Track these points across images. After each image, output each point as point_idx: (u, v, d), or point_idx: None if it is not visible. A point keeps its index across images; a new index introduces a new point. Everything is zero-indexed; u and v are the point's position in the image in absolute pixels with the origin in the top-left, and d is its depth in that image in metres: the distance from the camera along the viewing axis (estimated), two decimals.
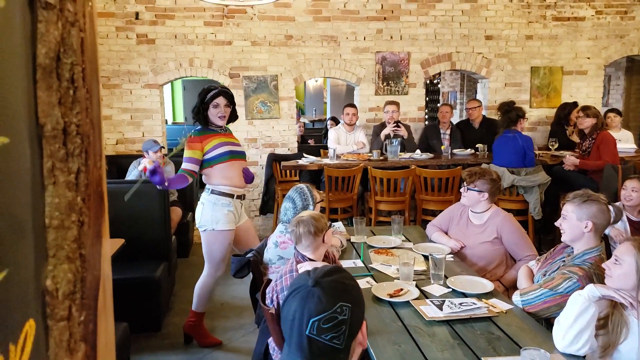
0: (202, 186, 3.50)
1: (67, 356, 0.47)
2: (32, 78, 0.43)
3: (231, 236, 3.22)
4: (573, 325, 1.75)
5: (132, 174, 4.62)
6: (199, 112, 3.15)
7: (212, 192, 3.19)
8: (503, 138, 4.77)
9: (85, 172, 0.49)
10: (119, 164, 4.98)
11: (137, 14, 5.19)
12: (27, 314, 0.42)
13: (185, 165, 3.12)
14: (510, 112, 4.75)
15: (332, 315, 1.04)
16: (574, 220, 2.21)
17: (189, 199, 5.25)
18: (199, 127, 3.21)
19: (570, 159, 4.81)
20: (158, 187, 3.02)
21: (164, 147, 4.72)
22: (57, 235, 0.45)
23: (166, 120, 8.60)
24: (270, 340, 2.24)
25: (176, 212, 4.60)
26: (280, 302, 2.01)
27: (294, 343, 1.08)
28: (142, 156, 4.70)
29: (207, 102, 3.13)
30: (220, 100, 3.15)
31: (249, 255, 2.69)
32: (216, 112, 3.14)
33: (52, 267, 0.45)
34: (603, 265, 1.88)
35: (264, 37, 5.41)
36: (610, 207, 2.25)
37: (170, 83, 6.44)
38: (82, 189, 0.48)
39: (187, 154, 3.13)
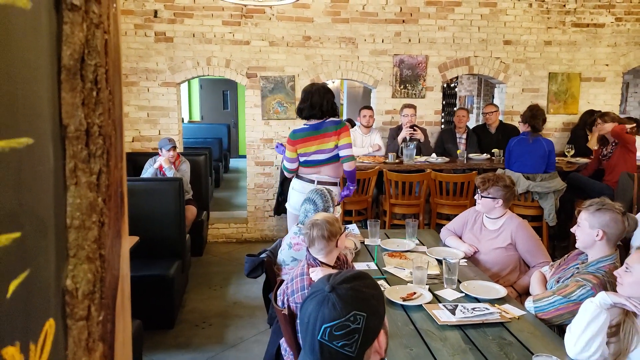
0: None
1: (85, 355, 0.47)
2: (57, 79, 0.43)
3: None
4: (585, 332, 1.74)
5: (147, 171, 4.67)
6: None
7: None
8: (524, 142, 4.66)
9: (107, 173, 0.49)
10: (135, 161, 5.03)
11: (155, 12, 5.24)
12: (48, 313, 0.43)
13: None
14: (536, 118, 4.59)
15: (345, 323, 1.03)
16: (587, 228, 2.20)
17: (204, 197, 5.28)
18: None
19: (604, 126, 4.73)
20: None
21: (176, 146, 4.75)
22: (78, 236, 0.46)
23: (182, 119, 8.69)
24: (283, 341, 2.25)
25: (191, 211, 4.64)
26: (291, 304, 2.01)
27: (307, 345, 1.08)
28: (157, 154, 4.75)
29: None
30: None
31: (263, 255, 2.70)
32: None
33: (72, 267, 0.46)
34: (615, 272, 1.87)
35: (282, 37, 5.42)
36: (626, 217, 2.21)
37: (187, 81, 6.49)
38: (103, 190, 0.49)
39: (351, 140, 3.61)
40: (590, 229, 2.19)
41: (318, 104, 3.48)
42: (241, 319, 3.71)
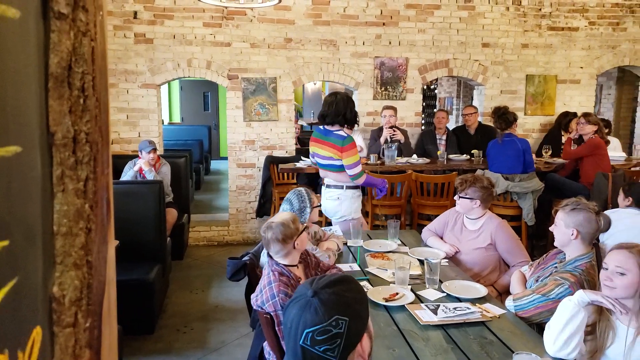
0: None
1: None
2: (44, 87, 0.43)
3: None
4: (564, 330, 1.77)
5: (127, 174, 4.61)
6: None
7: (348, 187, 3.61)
8: (500, 143, 4.78)
9: (94, 180, 0.49)
10: (114, 164, 4.88)
11: (135, 13, 5.19)
12: (35, 320, 0.43)
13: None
14: (507, 114, 4.79)
15: (327, 328, 1.04)
16: (563, 227, 2.27)
17: (184, 200, 5.24)
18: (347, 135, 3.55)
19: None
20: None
21: (157, 149, 4.70)
22: (65, 242, 0.46)
23: (163, 121, 8.59)
24: (266, 344, 2.24)
25: (171, 214, 4.60)
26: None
27: (290, 350, 1.09)
28: (137, 157, 4.70)
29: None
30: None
31: (245, 258, 2.69)
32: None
33: (59, 274, 0.46)
34: (604, 277, 1.84)
35: (263, 39, 5.42)
36: (600, 216, 2.27)
37: (167, 83, 6.43)
38: (90, 196, 0.49)
39: (357, 158, 3.53)
40: (565, 228, 2.25)
41: (343, 113, 3.52)
42: (223, 323, 3.69)
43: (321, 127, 3.65)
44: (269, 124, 5.57)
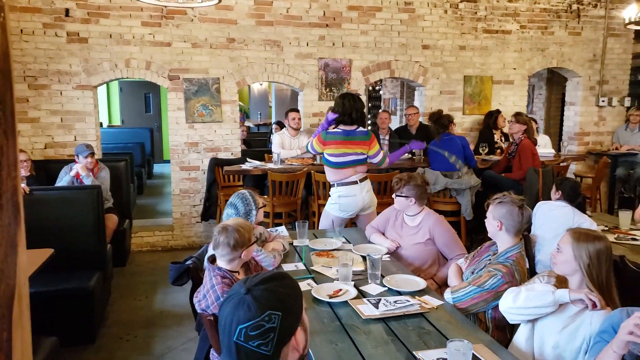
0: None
1: None
2: None
3: None
4: (526, 309, 1.95)
5: (63, 180, 4.41)
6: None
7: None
8: (440, 142, 4.98)
9: None
10: (49, 169, 4.73)
11: (67, 10, 4.97)
12: None
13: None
14: (441, 118, 5.02)
15: (260, 323, 1.05)
16: (491, 219, 2.45)
17: (125, 205, 5.07)
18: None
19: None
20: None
21: (94, 153, 4.52)
22: None
23: (101, 124, 8.29)
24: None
25: (111, 220, 4.44)
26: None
27: (225, 347, 1.10)
28: (74, 161, 4.51)
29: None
30: None
31: (188, 262, 2.65)
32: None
33: None
34: (551, 254, 2.07)
35: (205, 39, 5.34)
36: (523, 210, 2.42)
37: (105, 84, 6.19)
38: None
39: (378, 146, 3.86)
40: (493, 219, 2.42)
41: (349, 113, 3.72)
42: (169, 329, 3.61)
43: (337, 129, 3.77)
44: (212, 125, 5.50)
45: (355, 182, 3.79)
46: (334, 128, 3.81)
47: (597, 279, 1.90)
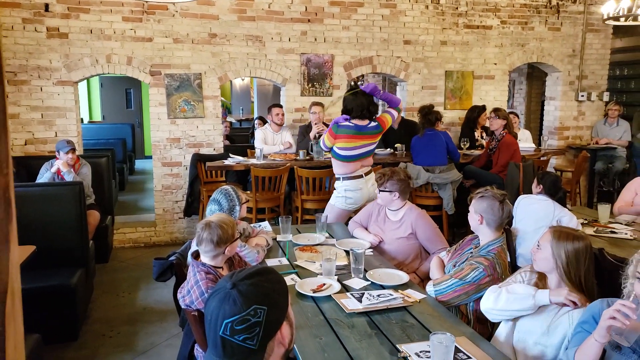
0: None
1: None
2: None
3: None
4: (507, 311, 1.98)
5: (44, 176, 4.36)
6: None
7: None
8: (424, 137, 5.04)
9: None
10: (29, 165, 4.66)
11: (46, 5, 4.88)
12: None
13: None
14: (430, 114, 5.07)
15: (245, 317, 1.07)
16: (473, 213, 2.49)
17: (107, 201, 5.03)
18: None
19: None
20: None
21: (75, 149, 4.47)
22: None
23: (82, 119, 8.16)
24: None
25: (93, 216, 4.40)
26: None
27: (211, 342, 1.11)
28: (54, 157, 4.45)
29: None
30: None
31: (172, 258, 2.65)
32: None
33: None
34: (531, 251, 2.10)
35: (187, 34, 5.30)
36: (503, 204, 2.47)
37: (85, 80, 6.11)
38: None
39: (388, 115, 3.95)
40: (474, 213, 2.47)
41: (362, 107, 3.77)
42: (152, 325, 3.60)
43: (349, 123, 3.78)
44: (194, 121, 5.47)
45: (360, 176, 3.86)
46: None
47: (575, 278, 1.92)
